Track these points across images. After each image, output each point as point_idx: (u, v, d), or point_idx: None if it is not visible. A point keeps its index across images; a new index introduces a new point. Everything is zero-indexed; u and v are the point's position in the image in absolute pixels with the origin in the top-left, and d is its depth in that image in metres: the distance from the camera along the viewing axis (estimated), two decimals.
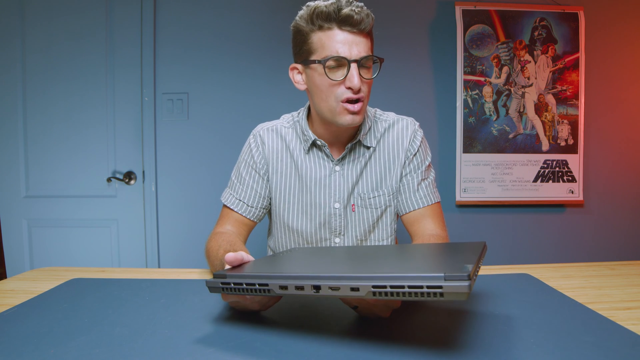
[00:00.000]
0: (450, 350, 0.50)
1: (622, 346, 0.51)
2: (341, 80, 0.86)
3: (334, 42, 0.84)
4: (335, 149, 1.01)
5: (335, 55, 0.84)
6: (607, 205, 2.07)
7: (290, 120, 1.05)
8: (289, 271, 0.54)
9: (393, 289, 0.44)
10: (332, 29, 0.84)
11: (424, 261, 0.57)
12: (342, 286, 0.46)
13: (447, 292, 0.41)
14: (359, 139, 0.98)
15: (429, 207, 1.00)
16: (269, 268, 0.60)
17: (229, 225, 1.01)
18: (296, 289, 0.49)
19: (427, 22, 2.00)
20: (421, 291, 0.42)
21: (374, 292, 0.45)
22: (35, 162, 1.94)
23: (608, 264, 0.95)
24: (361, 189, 1.00)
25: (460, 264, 0.46)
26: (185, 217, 1.98)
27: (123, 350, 0.51)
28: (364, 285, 0.45)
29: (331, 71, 0.86)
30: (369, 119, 1.01)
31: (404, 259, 0.60)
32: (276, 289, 0.51)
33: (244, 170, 1.04)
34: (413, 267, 0.51)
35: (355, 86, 0.84)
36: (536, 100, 1.97)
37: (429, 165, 1.04)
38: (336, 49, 0.84)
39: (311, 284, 0.48)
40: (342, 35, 0.84)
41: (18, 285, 0.82)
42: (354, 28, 0.83)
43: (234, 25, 1.95)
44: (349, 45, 0.84)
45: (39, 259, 1.95)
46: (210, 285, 0.56)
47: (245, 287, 0.53)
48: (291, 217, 1.03)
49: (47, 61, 1.91)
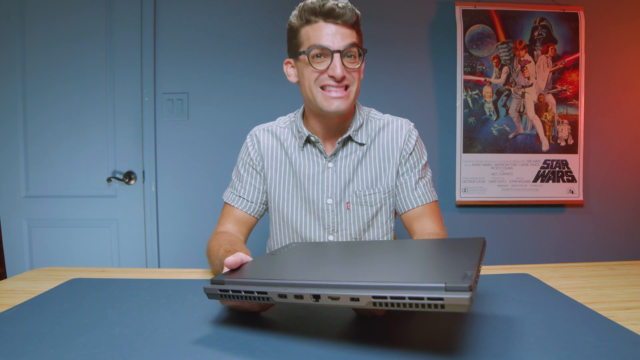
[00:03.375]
0: (450, 350, 0.50)
1: (622, 346, 0.51)
2: (325, 69, 0.91)
3: (318, 33, 0.90)
4: (329, 146, 1.03)
5: (319, 45, 0.89)
6: (607, 205, 2.07)
7: (286, 121, 1.09)
8: (287, 277, 0.53)
9: (393, 299, 0.44)
10: (318, 22, 0.90)
11: (424, 266, 0.56)
12: (342, 296, 0.46)
13: (448, 304, 0.41)
14: (349, 134, 1.00)
15: (427, 206, 1.02)
16: (267, 272, 0.59)
17: (230, 224, 1.03)
18: (295, 297, 0.49)
19: (427, 22, 2.00)
20: (422, 302, 0.42)
21: (374, 303, 0.45)
22: (35, 162, 1.94)
23: (608, 264, 0.95)
24: (356, 186, 1.02)
25: (461, 269, 0.45)
26: (185, 217, 1.98)
27: (123, 350, 0.51)
28: (364, 295, 0.45)
29: (315, 61, 0.91)
30: (361, 116, 1.03)
31: (404, 261, 0.60)
32: (275, 297, 0.50)
33: (242, 169, 1.07)
34: (413, 274, 0.50)
35: (337, 74, 0.89)
36: (536, 100, 1.97)
37: (425, 165, 1.06)
38: (320, 39, 0.90)
39: (310, 293, 0.48)
40: (326, 27, 0.90)
41: (18, 285, 0.82)
42: (337, 20, 0.89)
43: (234, 26, 1.95)
44: (332, 36, 0.89)
45: (39, 259, 1.95)
46: (209, 292, 0.56)
47: (243, 295, 0.53)
48: (288, 210, 1.05)
49: (47, 61, 1.91)
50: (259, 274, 0.58)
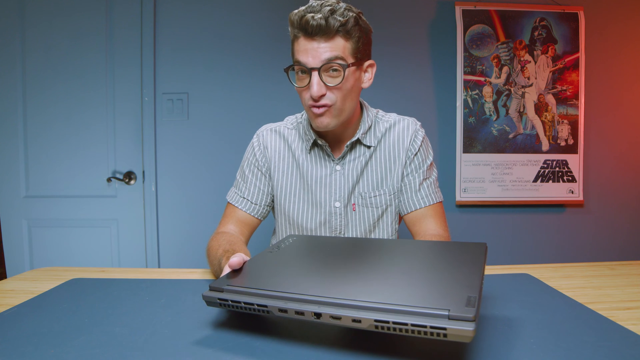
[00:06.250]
0: (450, 350, 0.50)
1: (622, 346, 0.51)
2: (306, 87, 0.88)
3: (298, 50, 0.87)
4: (336, 149, 1.02)
5: (298, 63, 0.87)
6: (607, 205, 2.07)
7: (293, 121, 1.07)
8: (288, 287, 0.52)
9: (396, 324, 0.43)
10: (299, 37, 0.86)
11: (427, 282, 0.53)
12: (344, 317, 0.46)
13: (451, 334, 0.40)
14: (358, 137, 0.99)
15: (430, 207, 1.00)
16: (267, 278, 0.58)
17: (231, 225, 1.03)
18: (296, 313, 0.48)
19: (427, 22, 2.00)
20: (424, 330, 0.42)
21: (376, 326, 0.44)
22: (35, 162, 1.94)
23: (608, 264, 0.95)
24: (362, 188, 1.01)
25: (465, 290, 0.45)
26: (186, 217, 1.98)
27: (123, 350, 0.51)
28: (366, 318, 0.44)
29: (299, 78, 0.89)
30: (369, 118, 1.02)
31: (406, 272, 0.57)
32: (275, 311, 0.50)
33: (247, 169, 1.06)
34: (416, 293, 0.49)
35: (312, 94, 0.85)
36: (536, 100, 1.97)
37: (431, 165, 1.05)
38: (299, 56, 0.86)
39: (312, 311, 0.47)
40: (304, 43, 0.85)
41: (18, 285, 0.82)
42: (313, 35, 0.84)
43: (234, 25, 1.95)
44: (308, 53, 0.85)
45: (39, 259, 1.95)
46: (207, 300, 0.55)
47: (243, 306, 0.52)
48: (295, 212, 1.04)
49: (47, 61, 1.91)
50: (258, 280, 0.57)
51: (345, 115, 0.92)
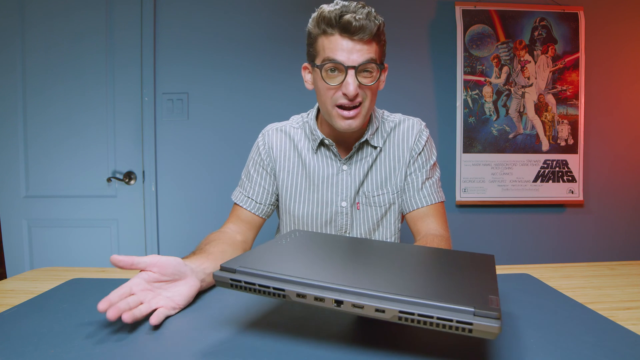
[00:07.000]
0: (450, 350, 0.50)
1: (622, 346, 0.51)
2: (338, 86, 0.87)
3: (333, 48, 0.85)
4: (343, 148, 1.02)
5: (333, 60, 0.85)
6: (607, 205, 2.07)
7: (299, 120, 1.08)
8: (307, 274, 0.49)
9: (421, 317, 0.42)
10: (334, 35, 0.85)
11: (448, 282, 0.52)
12: (367, 306, 0.43)
13: (476, 329, 0.40)
14: (366, 138, 0.99)
15: (432, 206, 1.01)
16: (282, 264, 0.54)
17: (232, 224, 1.03)
18: (315, 300, 0.45)
19: (427, 22, 1.99)
20: (450, 324, 0.41)
21: (400, 317, 0.42)
22: (35, 162, 1.94)
23: (608, 264, 0.95)
24: (366, 187, 1.02)
25: (485, 292, 0.45)
26: (186, 217, 1.98)
27: (123, 350, 0.51)
28: (390, 308, 0.42)
29: (329, 76, 0.88)
30: (376, 119, 1.03)
31: (424, 275, 0.56)
32: (293, 296, 0.46)
33: (252, 168, 1.07)
34: (440, 291, 0.47)
35: (350, 93, 0.86)
36: (536, 100, 1.97)
37: (434, 165, 1.06)
38: (334, 54, 0.85)
39: (333, 298, 0.44)
40: (342, 41, 0.85)
41: (18, 285, 0.82)
42: (354, 35, 0.84)
43: (234, 25, 1.95)
44: (348, 52, 0.85)
45: (39, 259, 1.95)
46: (218, 280, 0.51)
47: (257, 288, 0.48)
48: (301, 211, 1.04)
49: (47, 61, 1.91)
50: (273, 265, 0.53)
51: (367, 116, 0.94)
